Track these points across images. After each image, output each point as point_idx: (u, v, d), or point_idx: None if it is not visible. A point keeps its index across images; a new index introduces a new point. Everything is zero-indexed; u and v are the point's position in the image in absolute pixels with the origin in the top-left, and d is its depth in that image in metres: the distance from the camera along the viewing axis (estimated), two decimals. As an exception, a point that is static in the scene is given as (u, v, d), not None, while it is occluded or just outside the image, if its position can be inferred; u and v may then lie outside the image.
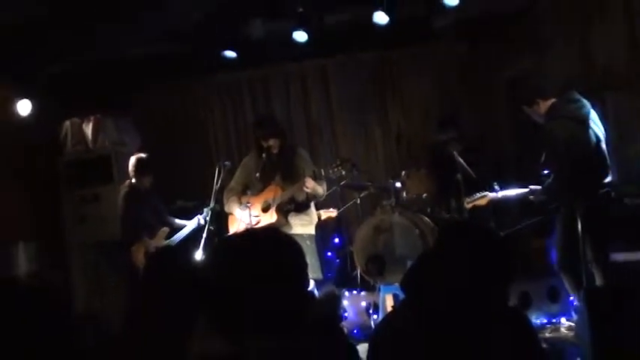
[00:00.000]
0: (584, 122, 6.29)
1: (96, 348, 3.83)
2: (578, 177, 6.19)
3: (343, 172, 7.02)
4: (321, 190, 6.97)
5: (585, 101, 6.38)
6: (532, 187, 6.53)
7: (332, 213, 8.38)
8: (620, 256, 6.43)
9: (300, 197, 7.00)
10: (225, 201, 7.24)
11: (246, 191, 7.19)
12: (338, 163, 7.03)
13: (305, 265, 2.42)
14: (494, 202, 6.83)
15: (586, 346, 4.69)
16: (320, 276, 7.09)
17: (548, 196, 6.44)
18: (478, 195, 6.77)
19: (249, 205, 6.93)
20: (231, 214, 7.25)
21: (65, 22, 7.93)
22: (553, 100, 6.46)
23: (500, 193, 6.70)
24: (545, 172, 6.48)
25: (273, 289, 2.31)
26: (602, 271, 6.28)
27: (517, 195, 6.68)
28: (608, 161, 6.35)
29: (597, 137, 6.33)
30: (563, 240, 6.46)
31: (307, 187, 6.78)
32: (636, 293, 4.70)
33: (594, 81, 7.75)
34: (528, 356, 2.88)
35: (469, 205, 6.87)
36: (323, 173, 6.92)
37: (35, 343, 3.18)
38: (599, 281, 6.28)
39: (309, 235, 7.05)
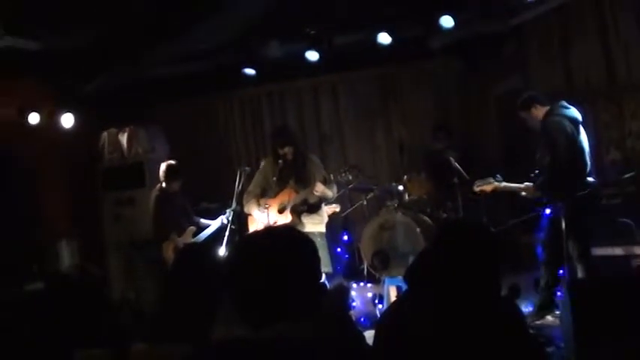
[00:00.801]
0: (578, 124, 6.28)
1: (131, 329, 3.84)
2: (567, 175, 6.18)
3: (350, 177, 7.03)
4: (330, 193, 6.95)
5: (575, 109, 6.39)
6: (527, 183, 6.51)
7: (336, 208, 8.30)
8: (597, 252, 6.43)
9: (312, 199, 6.98)
10: (244, 203, 7.24)
11: (263, 194, 7.19)
12: (346, 168, 7.04)
13: (318, 260, 2.42)
14: (496, 192, 6.78)
15: (568, 331, 4.68)
16: (331, 270, 7.07)
17: (541, 191, 6.42)
18: (485, 180, 6.73)
19: (267, 206, 6.94)
20: (250, 214, 7.25)
21: (103, 48, 8.01)
22: (548, 106, 6.45)
23: (503, 184, 6.68)
24: (537, 171, 6.46)
25: (290, 281, 2.31)
26: (585, 265, 6.25)
27: (515, 188, 6.65)
28: (591, 164, 6.34)
29: (584, 141, 6.32)
30: (549, 236, 6.45)
31: (317, 191, 6.77)
32: (612, 285, 4.69)
33: (575, 95, 7.74)
34: (518, 340, 2.87)
35: (477, 189, 6.80)
36: (332, 178, 6.92)
37: (82, 324, 3.21)
38: (581, 275, 6.25)
39: (320, 233, 7.03)
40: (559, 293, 6.52)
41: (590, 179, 6.27)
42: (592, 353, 4.32)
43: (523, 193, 6.56)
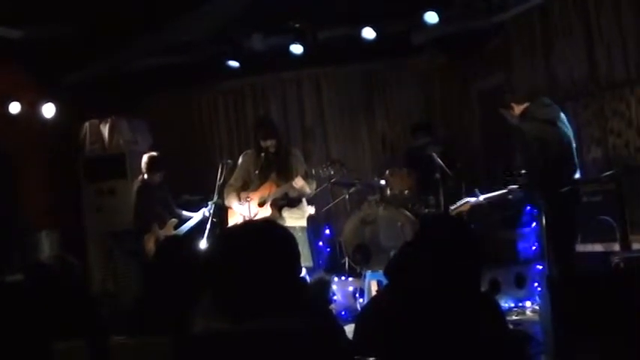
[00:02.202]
0: (555, 123, 6.27)
1: (111, 321, 3.82)
2: (548, 174, 6.20)
3: (332, 172, 7.03)
4: (308, 189, 6.97)
5: (555, 105, 6.38)
6: (510, 187, 6.52)
7: (310, 210, 8.20)
8: (577, 248, 6.46)
9: (293, 194, 6.99)
10: (225, 195, 7.23)
11: (245, 187, 7.17)
12: (328, 163, 7.04)
13: (298, 254, 2.42)
14: (474, 207, 6.79)
15: (547, 327, 4.70)
16: (311, 264, 7.07)
17: (525, 192, 6.45)
18: (460, 202, 6.75)
19: (248, 199, 6.92)
20: (230, 207, 7.24)
21: (86, 38, 7.97)
22: (526, 104, 6.45)
23: (482, 197, 6.67)
24: (523, 171, 6.47)
25: (269, 274, 2.31)
26: (568, 262, 6.27)
27: (497, 196, 6.66)
28: (576, 160, 6.35)
29: (567, 137, 6.32)
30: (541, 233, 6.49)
31: (297, 185, 6.79)
32: (592, 281, 4.72)
33: (557, 92, 7.77)
34: (497, 336, 2.89)
35: (454, 213, 6.83)
36: (314, 172, 6.92)
37: (61, 315, 3.20)
38: (565, 271, 6.27)
39: (301, 227, 7.03)
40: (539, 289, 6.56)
41: (574, 175, 6.28)
42: (571, 349, 4.34)
43: (510, 196, 6.58)
